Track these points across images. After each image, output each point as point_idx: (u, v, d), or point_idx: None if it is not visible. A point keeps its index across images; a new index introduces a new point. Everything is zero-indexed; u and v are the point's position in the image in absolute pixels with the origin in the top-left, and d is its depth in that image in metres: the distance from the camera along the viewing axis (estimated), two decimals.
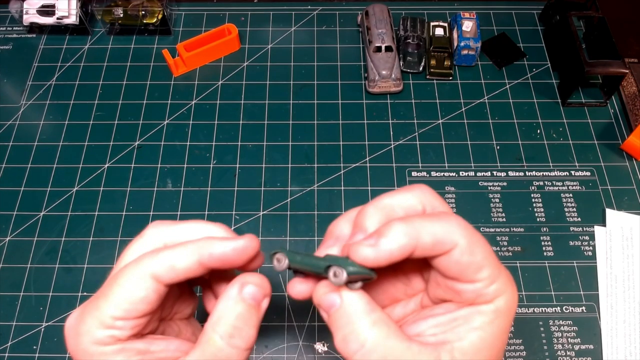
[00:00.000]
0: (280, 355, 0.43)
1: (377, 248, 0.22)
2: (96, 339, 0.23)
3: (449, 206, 0.26)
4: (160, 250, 0.24)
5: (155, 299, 0.24)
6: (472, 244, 0.23)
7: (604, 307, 0.44)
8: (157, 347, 0.25)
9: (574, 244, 0.48)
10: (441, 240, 0.22)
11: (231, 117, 0.55)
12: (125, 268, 0.24)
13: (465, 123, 0.54)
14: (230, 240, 0.24)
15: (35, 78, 0.58)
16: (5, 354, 0.43)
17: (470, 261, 0.22)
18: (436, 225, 0.23)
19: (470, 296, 0.23)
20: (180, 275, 0.24)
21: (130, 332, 0.23)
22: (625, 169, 0.51)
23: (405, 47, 0.57)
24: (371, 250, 0.22)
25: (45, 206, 0.50)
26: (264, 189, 0.51)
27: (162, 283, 0.24)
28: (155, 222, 0.27)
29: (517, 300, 0.24)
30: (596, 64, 0.51)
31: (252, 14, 0.62)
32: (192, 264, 0.24)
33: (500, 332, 0.23)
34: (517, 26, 0.61)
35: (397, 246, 0.22)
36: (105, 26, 0.60)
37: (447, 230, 0.23)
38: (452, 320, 0.23)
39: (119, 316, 0.23)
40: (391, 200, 0.25)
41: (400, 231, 0.22)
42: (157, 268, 0.23)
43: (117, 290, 0.23)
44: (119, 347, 0.23)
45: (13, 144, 0.53)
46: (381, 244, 0.22)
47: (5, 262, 0.47)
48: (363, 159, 0.52)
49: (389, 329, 0.23)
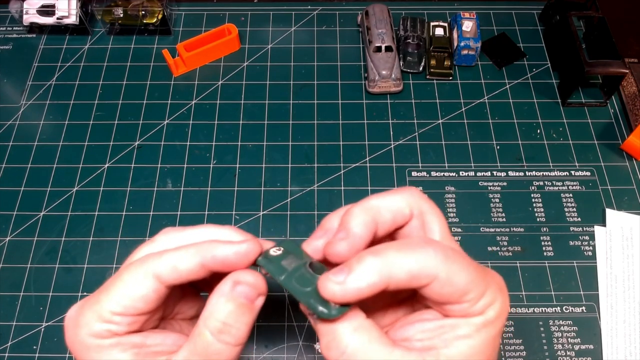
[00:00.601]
0: (280, 355, 0.43)
1: (344, 287, 0.21)
2: (93, 332, 0.23)
3: (438, 209, 0.26)
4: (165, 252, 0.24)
5: (154, 299, 0.24)
6: (451, 274, 0.22)
7: (604, 307, 0.44)
8: (153, 341, 0.25)
9: (574, 244, 0.48)
10: (417, 275, 0.22)
11: (231, 117, 0.55)
12: (130, 265, 0.24)
13: (465, 123, 0.54)
14: (233, 245, 0.24)
15: (35, 78, 0.58)
16: (5, 354, 0.43)
17: (453, 291, 0.22)
18: (411, 258, 0.22)
19: (458, 313, 0.23)
20: (183, 276, 0.24)
21: (127, 328, 0.24)
22: (625, 169, 0.51)
23: (405, 47, 0.57)
24: (339, 288, 0.21)
25: (45, 206, 0.50)
26: (264, 189, 0.51)
27: (163, 283, 0.24)
28: (166, 228, 0.27)
29: (508, 306, 0.24)
30: (596, 64, 0.51)
31: (252, 14, 0.62)
32: (194, 265, 0.24)
33: (490, 339, 0.23)
34: (517, 26, 0.61)
35: (366, 284, 0.21)
36: (105, 26, 0.60)
37: (422, 264, 0.22)
38: (439, 327, 0.23)
39: (117, 311, 0.23)
40: (378, 202, 0.25)
41: (370, 267, 0.21)
42: (160, 268, 0.24)
43: (118, 286, 0.24)
44: (115, 340, 0.24)
45: (13, 144, 0.54)
46: (348, 282, 0.21)
47: (5, 262, 0.47)
48: (363, 159, 0.52)
49: (371, 335, 0.22)
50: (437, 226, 0.25)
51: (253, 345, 0.43)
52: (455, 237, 0.48)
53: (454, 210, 0.49)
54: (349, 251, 0.23)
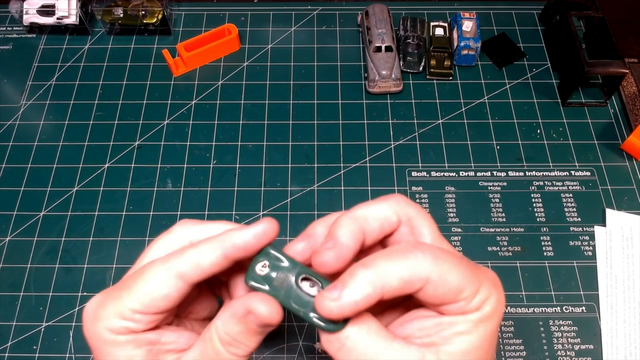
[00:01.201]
0: (280, 355, 0.43)
1: (340, 302, 0.22)
2: (111, 327, 0.24)
3: (426, 212, 0.26)
4: (186, 250, 0.24)
5: (176, 298, 0.24)
6: (443, 274, 0.22)
7: (604, 307, 0.44)
8: (168, 339, 0.25)
9: (574, 244, 0.48)
10: (409, 281, 0.22)
11: (231, 117, 0.55)
12: (152, 264, 0.24)
13: (465, 123, 0.54)
14: (250, 228, 0.24)
15: (35, 78, 0.58)
16: (5, 354, 0.43)
17: (446, 291, 0.22)
18: (401, 265, 0.22)
19: (455, 312, 0.23)
20: (207, 272, 0.24)
21: (145, 326, 0.24)
22: (625, 169, 0.51)
23: (405, 47, 0.57)
24: (335, 304, 0.22)
25: (45, 206, 0.50)
26: (264, 189, 0.51)
27: (188, 282, 0.24)
28: (183, 220, 0.27)
29: (504, 301, 0.24)
30: (596, 64, 0.51)
31: (252, 14, 0.62)
32: (217, 258, 0.24)
33: (487, 334, 0.23)
34: (517, 26, 0.61)
35: (361, 297, 0.22)
36: (105, 26, 0.60)
37: (414, 269, 0.22)
38: (437, 324, 0.23)
39: (138, 310, 0.23)
40: (365, 212, 0.25)
41: (362, 280, 0.22)
42: (184, 267, 0.24)
43: (142, 285, 0.24)
44: (132, 337, 0.24)
45: (13, 144, 0.54)
46: (344, 297, 0.22)
47: (5, 262, 0.47)
48: (363, 159, 0.52)
49: (370, 328, 0.23)
50: (427, 229, 0.25)
51: None
52: (455, 237, 0.48)
53: (454, 211, 0.49)
54: (337, 260, 0.23)
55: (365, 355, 0.22)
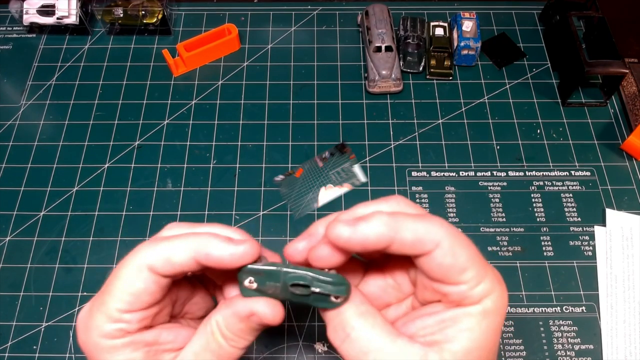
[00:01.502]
0: (280, 355, 0.43)
1: (354, 228, 0.22)
2: (104, 333, 0.23)
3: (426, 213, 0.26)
4: (159, 242, 0.24)
5: (157, 290, 0.24)
6: (454, 245, 0.22)
7: (604, 307, 0.44)
8: (166, 338, 0.25)
9: (574, 244, 0.48)
10: (422, 239, 0.22)
11: (231, 117, 0.55)
12: (124, 260, 0.24)
13: (465, 123, 0.54)
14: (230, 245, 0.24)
15: (35, 78, 0.58)
16: (5, 354, 0.43)
17: (453, 263, 0.22)
18: (419, 223, 0.23)
19: (457, 298, 0.23)
20: (177, 269, 0.24)
21: (139, 324, 0.24)
22: (625, 169, 0.51)
23: (405, 47, 0.57)
24: (347, 229, 0.22)
25: (45, 206, 0.50)
26: (264, 189, 0.51)
27: (158, 275, 0.24)
28: (172, 223, 0.27)
29: (506, 299, 0.24)
30: (596, 64, 0.51)
31: (252, 14, 0.62)
32: (187, 260, 0.24)
33: (490, 332, 0.23)
34: (517, 26, 0.61)
35: (373, 233, 0.22)
36: (105, 26, 0.60)
37: (429, 230, 0.22)
38: (440, 322, 0.23)
39: (124, 309, 0.23)
40: (365, 210, 0.25)
41: (381, 220, 0.22)
42: (154, 260, 0.23)
43: (119, 284, 0.24)
44: (128, 339, 0.24)
45: (13, 144, 0.54)
46: (359, 227, 0.22)
47: (5, 262, 0.47)
48: (363, 159, 0.52)
49: (375, 321, 0.23)
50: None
51: (253, 345, 0.43)
52: None
53: (454, 210, 0.49)
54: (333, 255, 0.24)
55: (369, 348, 0.23)
